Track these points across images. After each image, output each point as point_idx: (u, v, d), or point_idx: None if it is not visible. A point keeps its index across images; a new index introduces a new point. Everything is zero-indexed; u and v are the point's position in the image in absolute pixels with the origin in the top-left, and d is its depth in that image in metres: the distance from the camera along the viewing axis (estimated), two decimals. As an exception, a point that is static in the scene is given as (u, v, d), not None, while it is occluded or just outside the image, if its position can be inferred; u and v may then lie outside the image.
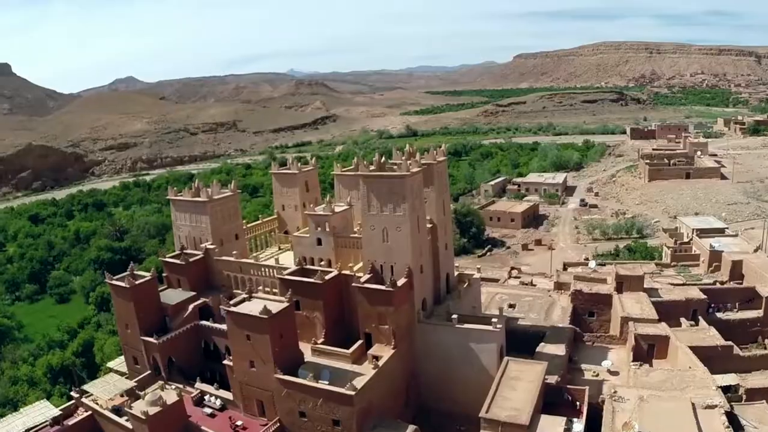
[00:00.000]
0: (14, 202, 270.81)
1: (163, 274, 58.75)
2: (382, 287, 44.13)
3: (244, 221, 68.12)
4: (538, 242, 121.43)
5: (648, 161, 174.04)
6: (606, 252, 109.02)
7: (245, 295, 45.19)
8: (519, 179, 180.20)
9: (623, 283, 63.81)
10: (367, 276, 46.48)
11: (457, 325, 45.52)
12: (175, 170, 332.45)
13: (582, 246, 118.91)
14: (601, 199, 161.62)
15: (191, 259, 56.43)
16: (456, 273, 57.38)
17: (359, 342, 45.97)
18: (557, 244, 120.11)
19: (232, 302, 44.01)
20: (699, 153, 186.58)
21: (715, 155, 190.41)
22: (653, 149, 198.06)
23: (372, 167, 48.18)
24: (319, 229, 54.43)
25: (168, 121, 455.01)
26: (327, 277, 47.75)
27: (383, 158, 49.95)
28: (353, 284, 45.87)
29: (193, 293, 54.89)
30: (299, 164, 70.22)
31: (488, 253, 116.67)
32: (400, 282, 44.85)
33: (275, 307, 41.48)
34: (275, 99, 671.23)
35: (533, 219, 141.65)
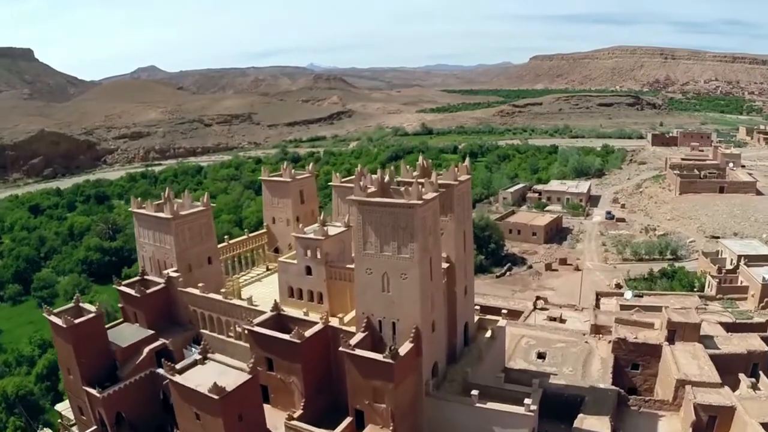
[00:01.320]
0: (23, 189, 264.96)
1: (119, 305, 48.45)
2: (379, 357, 32.47)
3: (239, 230, 58.29)
4: (563, 261, 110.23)
5: (678, 172, 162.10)
6: (639, 276, 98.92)
7: (198, 357, 34.18)
8: (540, 186, 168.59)
9: (676, 331, 53.29)
10: (361, 336, 34.86)
11: (477, 404, 34.47)
12: (185, 162, 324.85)
13: (611, 267, 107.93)
14: (628, 211, 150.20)
15: (150, 290, 45.46)
16: (476, 317, 46.39)
17: (347, 421, 34.71)
18: (584, 263, 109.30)
19: (179, 366, 33.13)
20: (731, 165, 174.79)
21: (744, 166, 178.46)
22: (682, 159, 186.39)
23: (371, 187, 36.22)
24: (309, 255, 44.15)
25: (183, 111, 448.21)
26: (308, 334, 36.03)
27: (387, 175, 38.95)
28: (341, 348, 34.06)
29: (151, 332, 44.07)
30: (293, 171, 60.21)
31: (507, 273, 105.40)
32: (404, 349, 33.32)
33: (232, 381, 30.47)
34: (292, 92, 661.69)
35: (556, 233, 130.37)
